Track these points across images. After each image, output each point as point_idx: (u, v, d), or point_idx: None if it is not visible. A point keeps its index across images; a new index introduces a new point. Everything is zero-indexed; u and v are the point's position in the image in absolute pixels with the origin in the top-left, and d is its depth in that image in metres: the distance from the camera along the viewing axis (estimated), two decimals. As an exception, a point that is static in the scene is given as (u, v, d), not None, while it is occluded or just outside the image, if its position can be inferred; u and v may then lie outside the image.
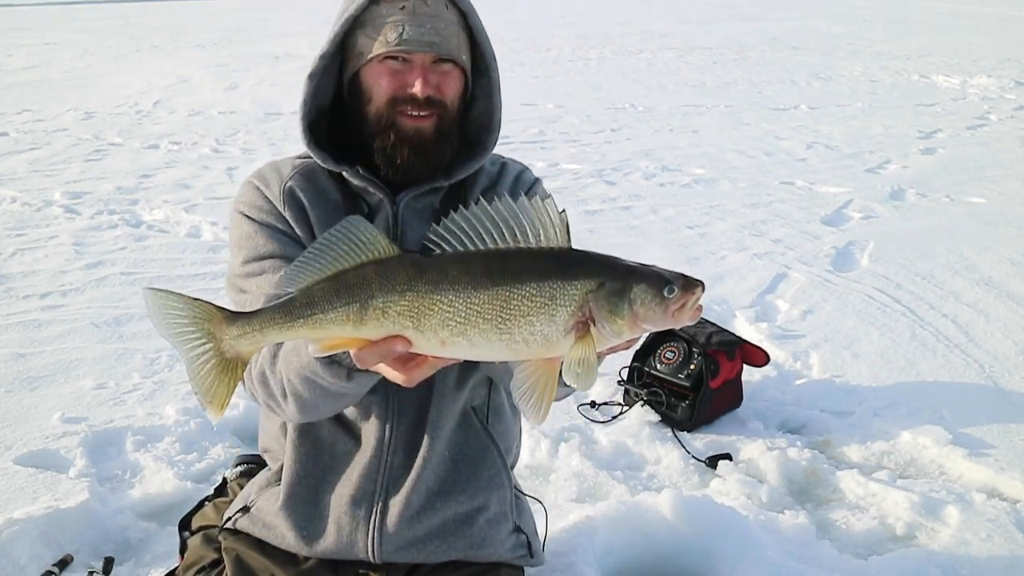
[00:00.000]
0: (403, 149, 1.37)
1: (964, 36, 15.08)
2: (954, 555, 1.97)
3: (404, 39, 1.32)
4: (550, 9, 23.04)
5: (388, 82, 1.35)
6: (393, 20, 1.33)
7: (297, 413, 1.30)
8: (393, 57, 1.34)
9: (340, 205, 1.42)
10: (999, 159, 6.31)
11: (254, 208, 1.44)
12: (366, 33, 1.35)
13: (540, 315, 0.92)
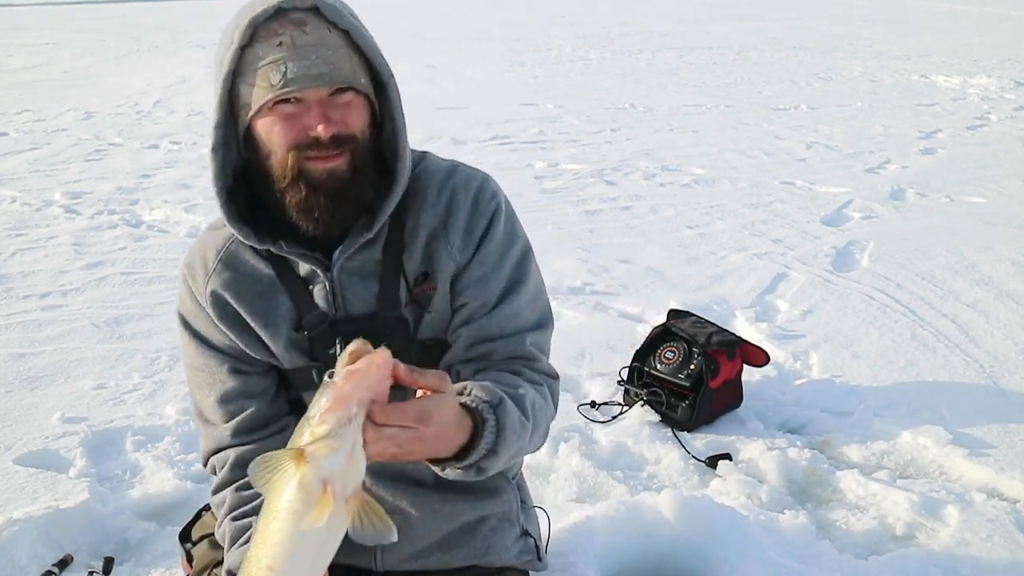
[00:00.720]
0: (319, 198, 1.21)
1: (964, 36, 15.07)
2: (954, 555, 1.97)
3: (290, 78, 1.16)
4: (549, 9, 23.04)
5: (284, 129, 1.19)
6: (272, 60, 1.17)
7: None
8: (284, 100, 1.18)
9: (274, 281, 1.33)
10: (999, 159, 6.31)
11: (187, 311, 1.39)
12: (247, 82, 1.19)
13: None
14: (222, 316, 1.35)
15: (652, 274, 3.92)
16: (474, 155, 6.47)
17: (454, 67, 11.76)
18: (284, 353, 1.35)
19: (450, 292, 1.35)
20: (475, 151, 6.61)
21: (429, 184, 1.35)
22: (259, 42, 1.19)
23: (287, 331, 1.33)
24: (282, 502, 0.95)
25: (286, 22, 1.18)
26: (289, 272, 1.33)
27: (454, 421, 1.08)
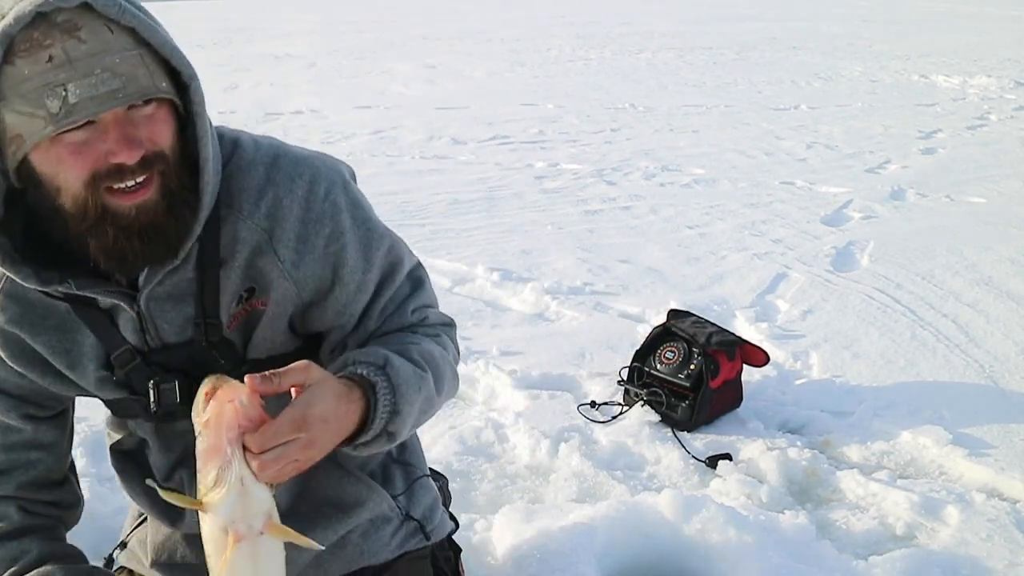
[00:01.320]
0: (131, 241, 1.01)
1: (964, 36, 15.07)
2: (954, 555, 1.97)
3: (72, 104, 0.93)
4: (549, 9, 23.04)
5: (77, 162, 0.97)
6: (45, 83, 0.92)
7: None
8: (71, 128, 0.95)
9: (69, 316, 1.15)
10: (999, 159, 6.31)
11: None
12: (14, 108, 0.94)
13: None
14: (17, 356, 1.18)
15: (652, 274, 3.92)
16: (474, 155, 6.47)
17: (454, 67, 11.76)
18: (97, 390, 1.23)
19: (299, 315, 1.23)
20: (475, 151, 6.61)
21: (244, 188, 1.15)
22: (20, 57, 0.92)
23: (94, 369, 1.19)
24: (210, 561, 0.97)
25: (52, 30, 0.92)
26: (86, 305, 1.13)
27: (340, 402, 1.01)
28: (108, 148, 0.96)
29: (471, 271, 3.95)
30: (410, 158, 6.37)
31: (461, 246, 4.32)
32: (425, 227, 4.61)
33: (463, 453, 2.49)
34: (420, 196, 5.22)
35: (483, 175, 5.82)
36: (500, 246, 4.33)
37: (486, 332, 3.33)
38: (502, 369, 2.94)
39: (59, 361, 1.18)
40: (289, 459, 0.95)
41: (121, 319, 1.16)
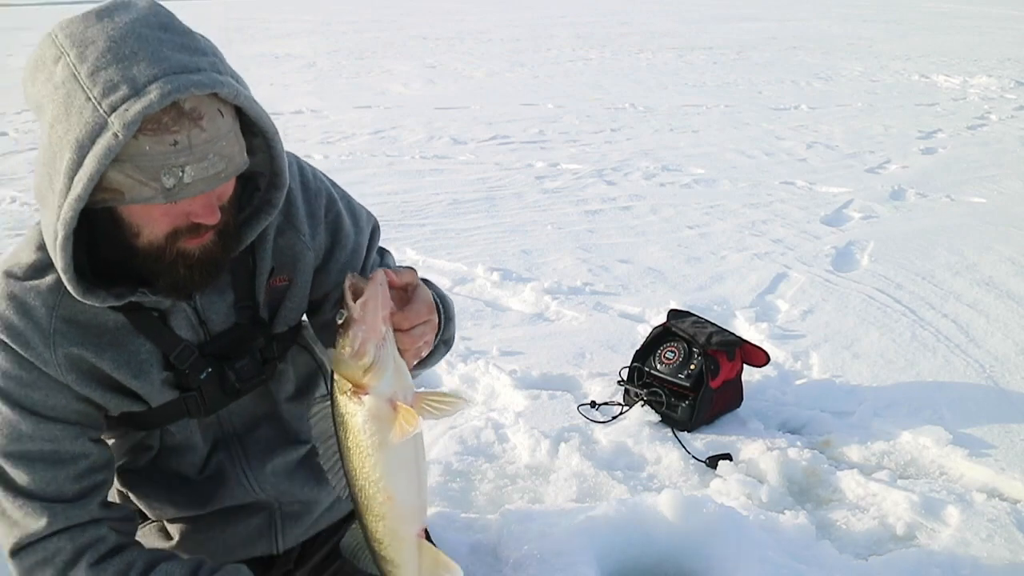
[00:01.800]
0: (193, 275, 1.14)
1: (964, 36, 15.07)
2: (954, 555, 1.97)
3: (186, 184, 1.03)
4: (549, 9, 23.04)
5: (165, 221, 1.08)
6: (166, 163, 1.01)
7: None
8: None
9: (124, 324, 1.21)
10: (999, 159, 6.31)
11: (11, 384, 1.17)
12: (126, 172, 1.01)
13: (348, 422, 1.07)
14: (85, 378, 1.20)
15: (652, 274, 3.92)
16: (474, 155, 6.47)
17: (455, 67, 11.76)
18: (156, 394, 1.27)
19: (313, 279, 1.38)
20: (475, 151, 6.61)
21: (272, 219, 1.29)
22: (146, 135, 0.99)
23: (158, 372, 1.25)
24: (364, 440, 1.05)
25: (181, 118, 1.01)
26: (139, 312, 1.21)
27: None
28: (194, 211, 1.08)
29: (471, 271, 3.95)
30: (410, 158, 6.37)
31: (461, 246, 4.32)
32: (425, 227, 4.61)
33: (463, 453, 2.49)
34: (420, 196, 5.22)
35: (483, 175, 5.81)
36: (500, 246, 4.33)
37: (486, 332, 3.33)
38: (502, 369, 2.94)
39: (123, 373, 1.22)
40: (423, 338, 1.11)
41: (176, 320, 1.24)
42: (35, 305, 1.17)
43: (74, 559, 1.22)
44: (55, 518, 1.21)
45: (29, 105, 1.08)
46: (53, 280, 1.17)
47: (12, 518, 1.20)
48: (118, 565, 1.24)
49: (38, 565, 1.21)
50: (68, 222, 1.03)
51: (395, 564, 1.12)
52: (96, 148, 0.98)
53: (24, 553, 1.21)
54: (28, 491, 1.19)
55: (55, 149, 1.01)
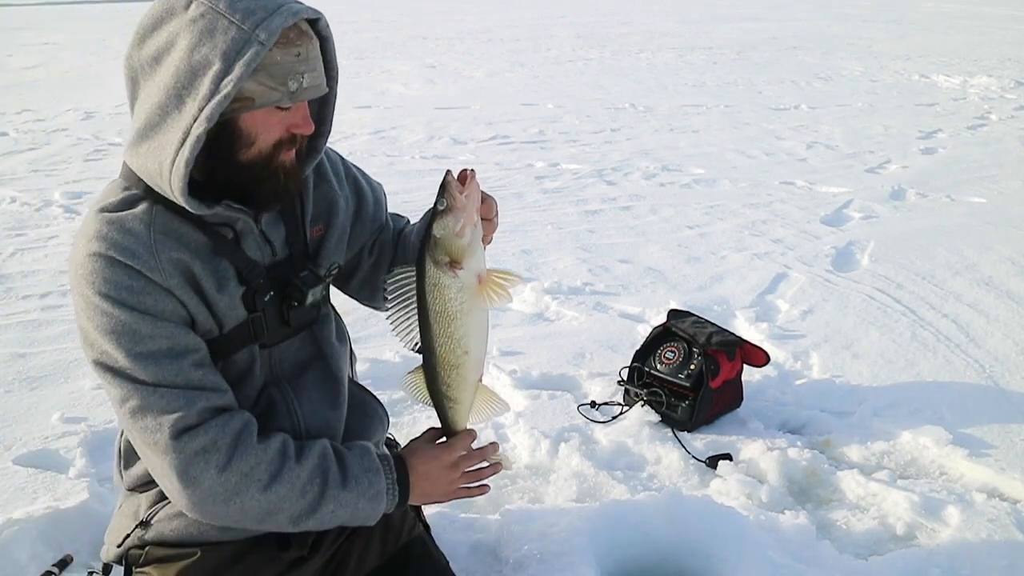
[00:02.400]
0: (288, 184, 1.35)
1: (964, 36, 15.07)
2: (954, 555, 1.97)
3: (304, 88, 1.27)
4: (550, 9, 23.04)
5: (277, 128, 1.29)
6: (293, 69, 1.25)
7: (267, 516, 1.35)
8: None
9: (207, 245, 1.36)
10: (999, 159, 6.32)
11: (124, 293, 1.28)
12: (259, 80, 1.23)
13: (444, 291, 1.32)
14: (185, 283, 1.33)
15: (652, 274, 3.92)
16: (474, 155, 6.47)
17: (455, 67, 11.76)
18: (231, 311, 1.39)
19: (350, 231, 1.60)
20: (475, 151, 6.61)
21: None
22: (277, 47, 1.23)
23: (235, 287, 1.39)
24: (454, 306, 1.32)
25: (301, 35, 1.26)
26: (217, 233, 1.37)
27: None
28: (296, 123, 1.31)
29: (471, 271, 3.95)
30: (410, 158, 6.37)
31: (461, 246, 4.31)
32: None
33: (463, 453, 2.49)
34: (420, 196, 5.22)
35: (483, 175, 5.79)
36: (500, 246, 4.33)
37: (486, 332, 3.32)
38: (502, 369, 2.94)
39: (209, 284, 1.35)
40: (496, 226, 1.45)
41: (247, 240, 1.40)
42: (133, 224, 1.31)
43: (235, 442, 1.32)
44: (197, 401, 1.30)
45: (142, 56, 1.27)
46: (145, 206, 1.32)
47: (157, 408, 1.29)
48: (275, 443, 1.36)
49: (203, 452, 1.29)
50: (210, 118, 1.21)
51: (459, 402, 1.42)
52: (244, 56, 1.19)
53: (185, 439, 1.29)
54: (163, 383, 1.29)
55: (196, 68, 1.21)
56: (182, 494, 1.30)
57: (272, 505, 1.33)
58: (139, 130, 1.29)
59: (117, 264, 1.28)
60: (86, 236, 1.31)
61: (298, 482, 1.34)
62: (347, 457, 1.41)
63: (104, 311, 1.29)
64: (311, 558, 1.52)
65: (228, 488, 1.30)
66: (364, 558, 1.57)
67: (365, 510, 1.40)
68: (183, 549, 1.45)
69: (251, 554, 1.46)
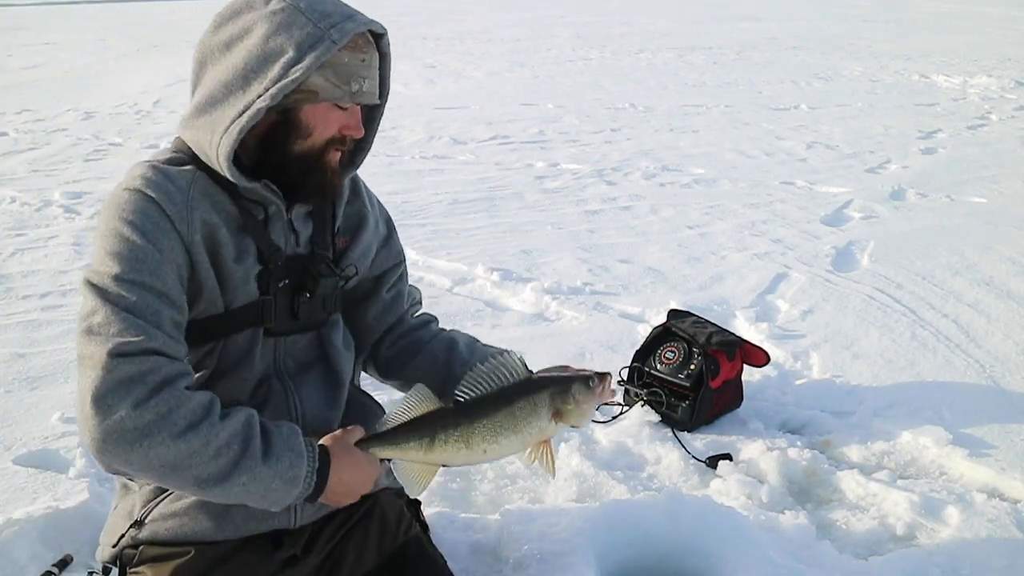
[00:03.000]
0: (332, 181, 1.46)
1: (964, 36, 15.07)
2: (954, 555, 1.97)
3: (363, 91, 1.39)
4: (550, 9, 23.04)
5: (332, 125, 1.40)
6: (357, 72, 1.36)
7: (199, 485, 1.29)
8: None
9: (237, 218, 1.42)
10: (999, 159, 6.32)
11: (148, 222, 1.32)
12: (326, 76, 1.34)
13: (533, 417, 1.45)
14: (206, 247, 1.37)
15: (652, 274, 3.92)
16: (474, 155, 6.47)
17: (455, 67, 11.76)
18: (243, 286, 1.42)
19: (377, 252, 1.67)
20: (475, 151, 6.61)
21: None
22: (347, 50, 1.35)
23: (252, 264, 1.43)
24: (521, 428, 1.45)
25: (367, 43, 1.39)
26: (248, 211, 1.43)
27: None
28: (349, 124, 1.42)
29: (471, 271, 3.95)
30: (410, 158, 6.37)
31: (461, 246, 4.32)
32: (425, 227, 4.61)
33: (463, 453, 2.48)
34: (420, 196, 5.22)
35: (483, 175, 5.82)
36: (500, 246, 4.33)
37: (486, 332, 3.32)
38: (502, 369, 2.93)
39: (230, 253, 1.40)
40: None
41: (274, 225, 1.46)
42: (176, 177, 1.38)
43: (166, 381, 1.26)
44: (153, 339, 1.27)
45: (215, 40, 1.37)
46: (189, 168, 1.39)
47: (114, 329, 1.27)
48: (203, 397, 1.30)
49: (127, 381, 1.24)
50: (274, 96, 1.31)
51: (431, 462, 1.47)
52: (316, 49, 1.31)
53: (120, 361, 1.24)
54: (133, 310, 1.28)
55: (268, 54, 1.32)
56: (90, 423, 1.23)
57: (180, 458, 1.24)
58: (198, 104, 1.38)
59: (151, 201, 1.33)
60: (129, 176, 1.38)
61: (215, 441, 1.26)
62: (273, 433, 1.34)
63: (120, 234, 1.31)
64: (305, 558, 1.52)
65: (139, 426, 1.21)
66: (361, 558, 1.57)
67: (278, 491, 1.32)
68: (176, 548, 1.45)
69: (244, 553, 1.46)
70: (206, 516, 1.44)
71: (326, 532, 1.55)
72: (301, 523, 1.51)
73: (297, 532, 1.51)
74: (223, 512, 1.44)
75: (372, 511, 1.62)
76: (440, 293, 3.72)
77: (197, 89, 1.40)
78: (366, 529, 1.58)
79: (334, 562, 1.56)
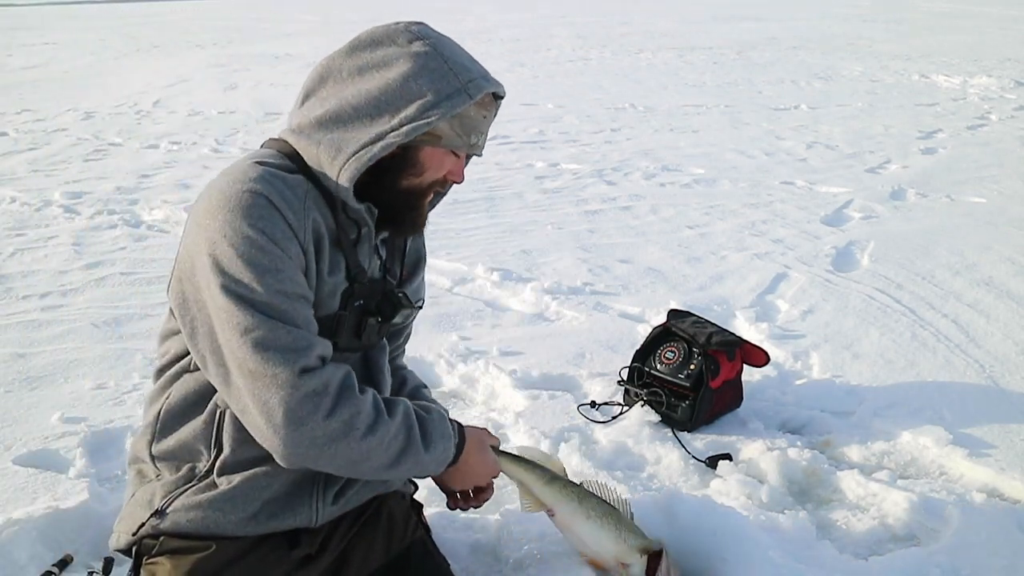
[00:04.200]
0: (423, 216, 1.55)
1: (964, 36, 15.08)
2: (954, 555, 1.97)
3: (480, 146, 1.49)
4: (550, 9, 23.04)
5: (441, 169, 1.48)
6: (477, 128, 1.46)
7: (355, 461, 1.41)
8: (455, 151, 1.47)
9: (335, 233, 1.47)
10: (999, 159, 6.32)
11: (279, 232, 1.35)
12: (453, 125, 1.42)
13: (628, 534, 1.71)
14: (315, 254, 1.42)
15: (652, 274, 3.92)
16: (474, 155, 6.47)
17: (454, 67, 11.74)
18: (329, 299, 1.47)
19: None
20: (475, 151, 6.61)
21: None
22: (476, 105, 1.43)
23: (341, 277, 1.48)
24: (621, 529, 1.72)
25: (492, 104, 1.47)
26: (344, 229, 1.48)
27: None
28: (454, 171, 1.51)
29: (471, 271, 3.95)
30: (410, 158, 6.36)
31: (461, 246, 4.32)
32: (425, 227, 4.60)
33: (463, 453, 2.48)
34: (420, 196, 5.22)
35: (483, 175, 5.81)
36: (500, 246, 4.33)
37: (486, 332, 3.33)
38: (502, 369, 2.94)
39: (326, 265, 1.45)
40: None
41: (363, 246, 1.52)
42: (293, 183, 1.41)
43: (343, 388, 1.38)
44: (319, 347, 1.38)
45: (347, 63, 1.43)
46: (301, 178, 1.43)
47: (284, 344, 1.33)
48: (370, 396, 1.43)
49: (314, 394, 1.34)
50: (407, 134, 1.38)
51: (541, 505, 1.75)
52: (452, 100, 1.38)
53: (305, 379, 1.33)
54: (292, 321, 1.36)
55: (407, 93, 1.38)
56: (281, 431, 1.32)
57: (362, 456, 1.38)
58: (320, 118, 1.42)
59: (274, 208, 1.35)
60: (244, 176, 1.37)
61: (387, 436, 1.41)
62: (427, 421, 1.50)
63: (255, 242, 1.32)
64: (319, 556, 1.53)
65: (328, 434, 1.34)
66: (368, 557, 1.59)
67: (430, 467, 1.51)
68: (197, 541, 1.45)
69: (261, 550, 1.48)
70: (231, 511, 1.45)
71: (339, 531, 1.57)
72: (321, 522, 1.52)
73: (316, 531, 1.52)
74: (249, 508, 1.46)
75: (380, 511, 1.63)
76: (440, 293, 3.72)
77: (312, 101, 1.44)
78: (374, 529, 1.60)
79: (343, 560, 1.58)
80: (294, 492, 1.49)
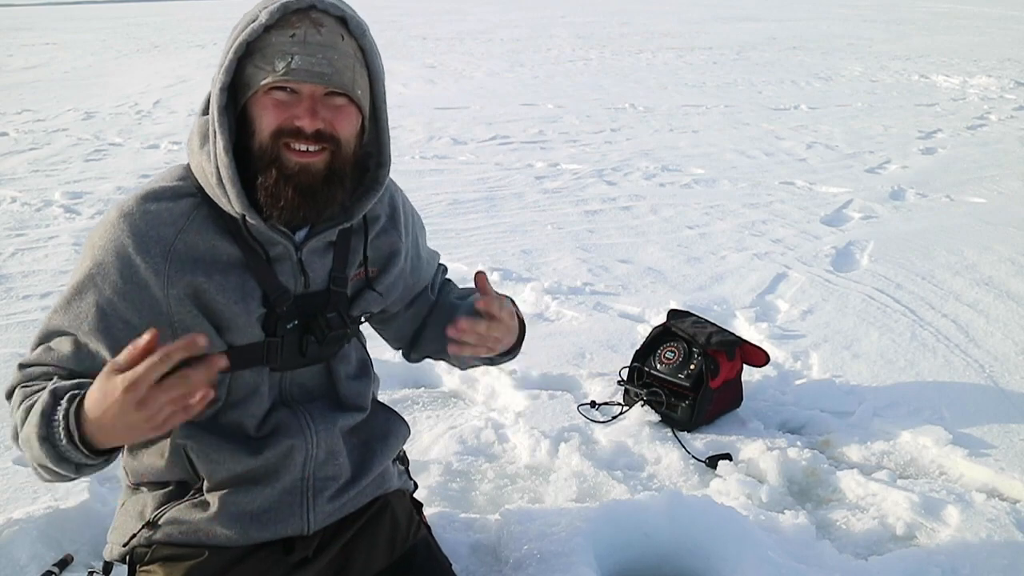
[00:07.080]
0: (287, 188, 1.28)
1: (964, 36, 15.08)
2: (954, 555, 1.97)
3: (292, 68, 1.24)
4: (550, 9, 23.04)
5: (273, 114, 1.26)
6: (281, 50, 1.24)
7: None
8: (280, 88, 1.25)
9: (238, 260, 1.35)
10: (999, 159, 6.32)
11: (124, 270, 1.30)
12: (255, 63, 1.26)
13: None
14: (188, 297, 1.32)
15: (652, 274, 3.92)
16: (474, 155, 6.47)
17: (455, 67, 11.76)
18: (246, 329, 1.37)
19: (407, 278, 1.62)
20: (475, 151, 6.61)
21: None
22: (275, 30, 1.25)
23: (256, 306, 1.37)
24: None
25: (306, 19, 1.26)
26: (252, 250, 1.36)
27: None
28: (296, 113, 1.26)
29: (471, 271, 3.95)
30: (410, 158, 6.36)
31: (461, 246, 4.32)
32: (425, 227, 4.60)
33: (463, 453, 2.49)
34: (420, 196, 5.22)
35: (483, 175, 5.81)
36: (500, 246, 4.33)
37: (486, 332, 3.32)
38: (502, 369, 2.94)
39: (228, 297, 1.34)
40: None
41: (281, 266, 1.39)
42: (166, 221, 1.31)
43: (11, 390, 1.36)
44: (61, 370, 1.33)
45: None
46: (187, 205, 1.33)
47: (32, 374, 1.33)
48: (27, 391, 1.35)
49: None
50: (217, 95, 1.26)
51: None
52: (243, 34, 1.25)
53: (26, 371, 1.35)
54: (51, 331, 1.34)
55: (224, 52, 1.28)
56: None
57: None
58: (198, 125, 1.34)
59: (128, 248, 1.30)
60: (125, 203, 1.33)
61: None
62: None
63: (89, 275, 1.32)
64: (316, 559, 1.52)
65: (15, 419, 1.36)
66: (370, 561, 1.57)
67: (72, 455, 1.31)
68: (190, 549, 1.45)
69: (257, 556, 1.47)
70: (221, 524, 1.43)
71: (339, 533, 1.55)
72: (315, 528, 1.50)
73: (311, 536, 1.50)
74: (239, 522, 1.44)
75: (383, 511, 1.62)
76: (440, 293, 3.71)
77: None
78: (376, 529, 1.58)
79: (344, 562, 1.56)
80: (283, 502, 1.47)
